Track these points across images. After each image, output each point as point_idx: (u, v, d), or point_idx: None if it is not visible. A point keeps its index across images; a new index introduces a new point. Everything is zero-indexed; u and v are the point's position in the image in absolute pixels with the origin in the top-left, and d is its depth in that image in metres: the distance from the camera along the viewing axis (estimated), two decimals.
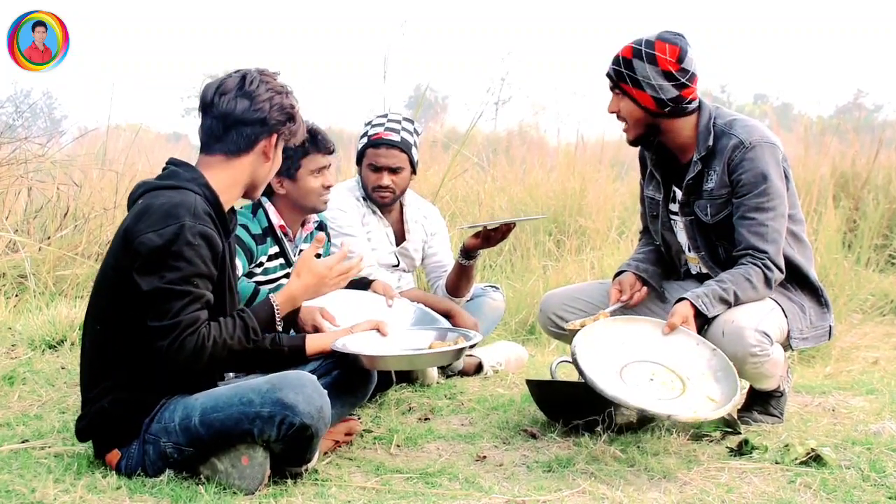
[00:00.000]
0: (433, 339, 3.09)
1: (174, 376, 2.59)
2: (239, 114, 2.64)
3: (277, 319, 2.69)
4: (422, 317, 3.60)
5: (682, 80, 3.20)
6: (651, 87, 3.20)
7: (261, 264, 3.64)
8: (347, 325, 3.02)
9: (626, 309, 3.40)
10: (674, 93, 3.21)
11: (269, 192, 3.69)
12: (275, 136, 2.69)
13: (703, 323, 3.15)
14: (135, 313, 2.52)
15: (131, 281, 2.50)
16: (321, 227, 3.92)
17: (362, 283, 3.77)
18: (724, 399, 2.89)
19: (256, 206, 3.71)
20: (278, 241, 3.69)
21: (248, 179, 2.71)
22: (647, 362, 3.05)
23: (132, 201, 2.64)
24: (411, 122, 4.22)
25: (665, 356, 3.06)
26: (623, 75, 3.23)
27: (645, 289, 3.44)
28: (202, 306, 2.53)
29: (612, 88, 3.31)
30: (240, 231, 3.55)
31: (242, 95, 2.64)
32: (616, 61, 3.26)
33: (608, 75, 3.30)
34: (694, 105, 3.28)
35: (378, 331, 2.95)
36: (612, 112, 3.34)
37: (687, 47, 3.20)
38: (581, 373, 2.91)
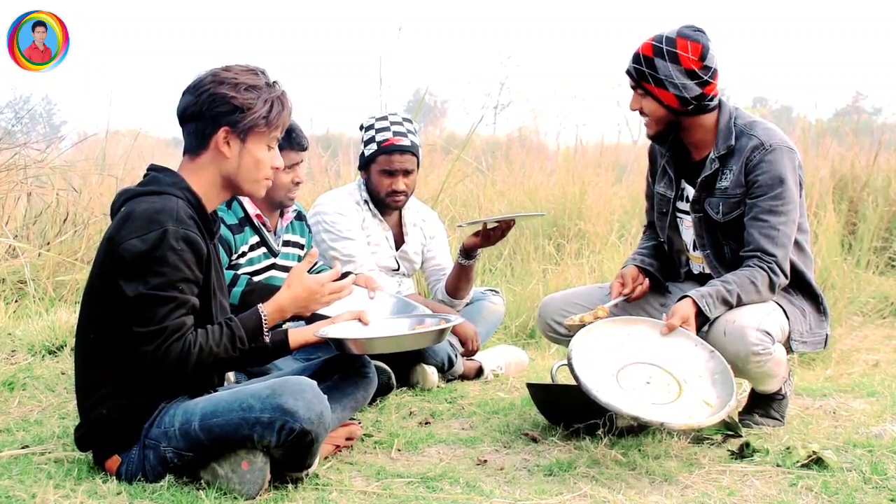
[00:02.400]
0: (414, 325, 3.12)
1: (162, 381, 2.58)
2: (182, 111, 2.63)
3: (265, 329, 2.66)
4: (402, 307, 3.61)
5: (705, 78, 3.18)
6: (674, 87, 3.18)
7: (243, 254, 3.68)
8: (331, 314, 3.02)
9: (628, 303, 3.40)
10: (697, 91, 3.19)
11: None
12: (223, 129, 2.60)
13: (703, 322, 3.14)
14: (125, 319, 2.52)
15: (118, 287, 2.49)
16: (300, 216, 3.95)
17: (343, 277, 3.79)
18: (719, 404, 2.88)
19: (231, 198, 3.73)
20: (257, 231, 3.72)
21: (217, 178, 2.66)
22: (645, 364, 3.04)
23: (115, 210, 2.63)
24: (410, 121, 4.24)
25: (663, 358, 3.05)
26: (645, 74, 3.21)
27: (647, 282, 3.43)
28: (188, 311, 2.52)
29: (633, 87, 3.28)
30: None
31: (188, 92, 2.62)
32: (637, 59, 3.23)
33: (629, 73, 3.27)
34: (715, 102, 3.26)
35: (360, 320, 2.93)
36: (634, 110, 3.32)
37: (708, 43, 3.18)
38: (575, 378, 2.91)
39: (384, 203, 4.17)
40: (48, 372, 4.00)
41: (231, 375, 3.37)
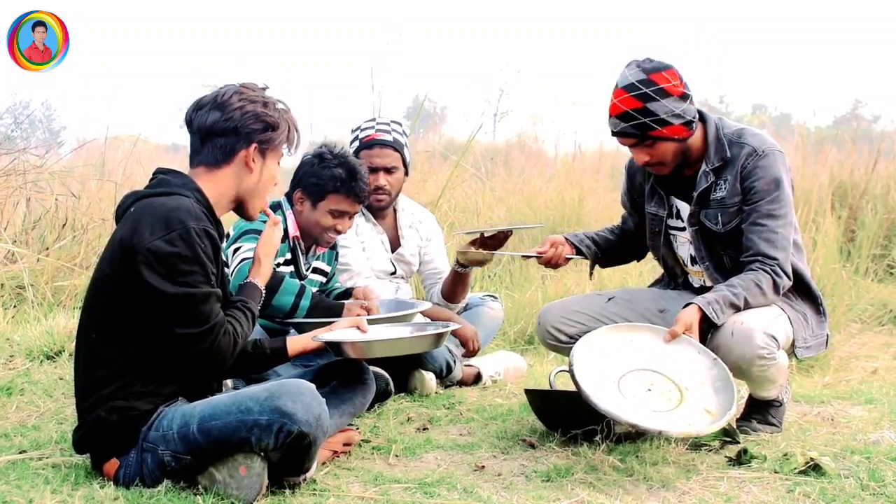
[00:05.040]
0: (413, 331, 3.17)
1: (178, 382, 2.62)
2: (211, 125, 2.66)
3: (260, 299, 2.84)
4: (397, 305, 3.62)
5: (691, 94, 3.19)
6: (678, 117, 3.14)
7: (277, 265, 3.65)
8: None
9: (541, 263, 3.56)
10: (693, 109, 3.19)
11: (293, 202, 3.74)
12: (253, 145, 2.68)
13: (709, 326, 3.14)
14: (132, 321, 2.53)
15: (140, 290, 2.50)
16: (333, 245, 3.93)
17: (345, 293, 3.81)
18: (720, 412, 2.88)
19: (276, 207, 3.74)
20: (292, 250, 3.71)
21: (233, 192, 2.72)
22: (647, 371, 3.04)
23: (122, 211, 2.64)
24: (399, 123, 4.24)
25: (665, 365, 3.05)
26: (647, 124, 3.14)
27: (563, 252, 3.52)
28: (220, 303, 2.62)
29: (635, 144, 3.22)
30: (260, 225, 3.59)
31: (215, 107, 2.67)
32: (627, 117, 3.15)
33: (627, 134, 3.19)
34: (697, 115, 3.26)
35: (358, 328, 2.99)
36: (644, 163, 3.27)
37: (672, 64, 3.16)
38: (576, 384, 2.91)
39: (370, 204, 4.16)
40: (46, 377, 4.00)
41: (229, 382, 3.38)
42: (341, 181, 3.63)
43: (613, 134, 3.24)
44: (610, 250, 3.68)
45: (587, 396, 2.86)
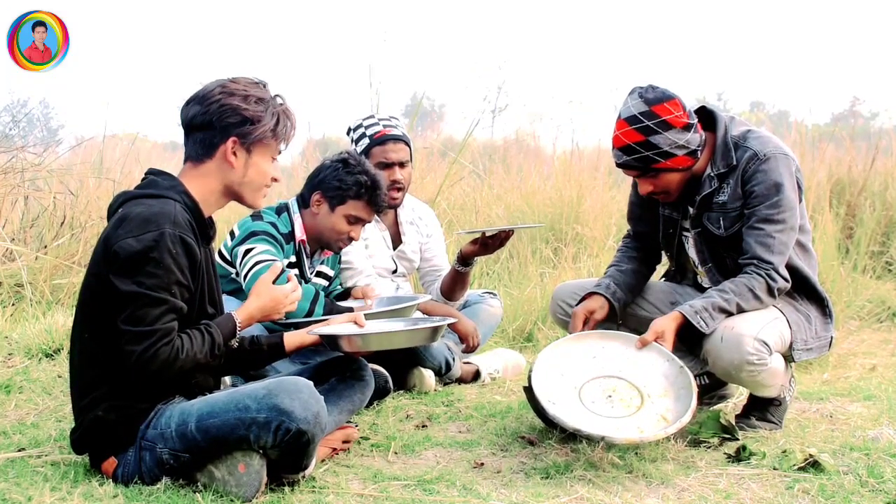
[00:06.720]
0: (409, 325, 3.16)
1: (145, 383, 2.57)
2: (190, 119, 2.65)
3: (237, 335, 2.73)
4: (396, 302, 3.63)
5: (695, 123, 3.17)
6: (681, 148, 3.13)
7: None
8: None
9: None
10: (697, 138, 3.17)
11: (306, 204, 3.73)
12: (231, 139, 2.64)
13: (700, 336, 3.13)
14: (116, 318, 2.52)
15: (110, 285, 2.49)
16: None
17: (344, 293, 3.82)
18: (675, 419, 2.88)
19: (283, 209, 3.74)
20: (297, 253, 3.71)
21: (220, 187, 2.69)
22: (612, 378, 3.06)
23: (112, 211, 2.64)
24: (397, 118, 4.26)
25: (631, 372, 3.07)
26: (649, 158, 3.13)
27: (598, 318, 3.35)
28: (176, 316, 2.53)
29: (638, 176, 3.22)
30: (267, 227, 3.60)
31: (196, 101, 2.65)
32: (630, 150, 3.13)
33: (629, 167, 3.18)
34: (702, 136, 3.22)
35: (355, 323, 2.99)
36: (649, 193, 3.26)
37: (675, 93, 3.13)
38: (530, 388, 2.96)
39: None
40: (45, 375, 4.00)
41: (227, 379, 3.38)
42: (365, 188, 3.66)
43: (618, 165, 3.22)
44: (635, 286, 3.54)
45: (538, 399, 2.91)
